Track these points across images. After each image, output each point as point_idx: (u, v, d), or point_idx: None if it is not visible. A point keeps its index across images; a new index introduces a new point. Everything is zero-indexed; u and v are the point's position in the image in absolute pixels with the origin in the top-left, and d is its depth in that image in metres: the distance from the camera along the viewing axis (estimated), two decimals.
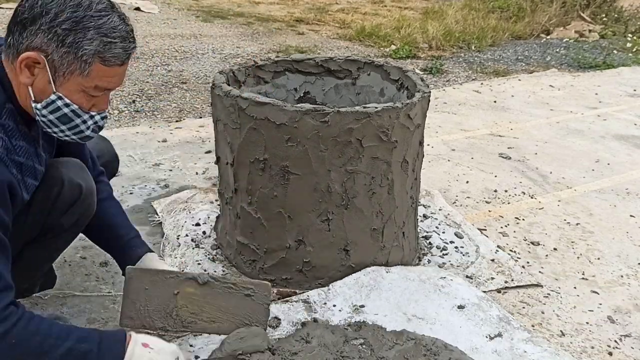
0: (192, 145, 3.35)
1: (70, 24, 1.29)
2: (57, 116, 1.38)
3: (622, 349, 1.90)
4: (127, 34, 1.38)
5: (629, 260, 2.44)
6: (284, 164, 1.90)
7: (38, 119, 1.39)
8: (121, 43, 1.35)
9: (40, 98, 1.35)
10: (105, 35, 1.32)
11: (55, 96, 1.35)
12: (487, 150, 3.59)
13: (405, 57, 6.08)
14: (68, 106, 1.37)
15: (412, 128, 1.99)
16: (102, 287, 2.01)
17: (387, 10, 9.07)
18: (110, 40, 1.33)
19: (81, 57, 1.31)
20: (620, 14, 8.39)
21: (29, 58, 1.30)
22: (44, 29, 1.29)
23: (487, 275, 2.21)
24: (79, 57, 1.31)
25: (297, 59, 2.45)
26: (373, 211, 2.01)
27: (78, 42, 1.30)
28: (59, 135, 1.44)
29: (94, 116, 1.43)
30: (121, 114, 3.90)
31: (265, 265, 2.06)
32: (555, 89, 5.15)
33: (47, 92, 1.34)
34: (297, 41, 6.55)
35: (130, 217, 1.91)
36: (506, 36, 7.34)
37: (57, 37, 1.29)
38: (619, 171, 3.37)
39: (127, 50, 1.38)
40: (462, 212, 2.74)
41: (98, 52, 1.32)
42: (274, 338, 1.76)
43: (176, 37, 6.33)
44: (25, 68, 1.32)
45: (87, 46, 1.31)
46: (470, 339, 1.81)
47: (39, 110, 1.36)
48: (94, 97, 1.40)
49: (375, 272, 2.04)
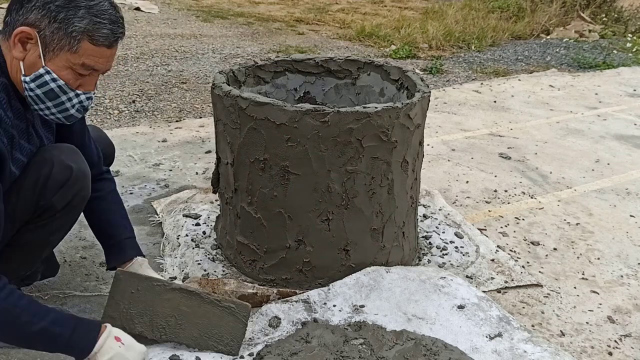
0: (192, 145, 3.35)
1: (63, 2, 1.38)
2: (44, 91, 1.43)
3: (622, 349, 1.90)
4: (117, 19, 1.45)
5: (629, 260, 2.44)
6: (284, 164, 1.90)
7: (26, 94, 1.45)
8: (110, 25, 1.43)
9: (30, 72, 1.42)
10: (96, 15, 1.41)
11: (43, 70, 1.41)
12: (487, 150, 3.59)
13: (405, 57, 6.08)
14: (55, 81, 1.43)
15: (412, 128, 1.99)
16: (102, 287, 2.01)
17: (387, 10, 9.08)
18: (100, 20, 1.41)
19: (71, 34, 1.39)
20: (620, 14, 8.39)
21: (23, 32, 1.38)
22: (39, 6, 1.37)
23: (487, 275, 2.21)
24: (68, 33, 1.39)
25: (297, 59, 2.45)
26: (373, 211, 2.01)
27: (69, 19, 1.38)
28: (45, 113, 1.49)
29: (80, 95, 1.49)
30: (121, 114, 3.90)
31: (265, 265, 2.06)
32: (555, 89, 5.15)
33: (36, 66, 1.41)
34: (297, 41, 6.55)
35: (130, 217, 1.92)
36: (506, 36, 7.34)
37: (50, 13, 1.37)
38: (619, 171, 3.37)
39: (115, 33, 1.45)
40: (462, 212, 2.74)
41: (87, 31, 1.40)
42: (273, 338, 1.76)
43: (176, 37, 6.33)
44: (18, 43, 1.39)
45: (78, 23, 1.39)
46: (470, 339, 1.81)
47: (27, 83, 1.42)
48: (81, 75, 1.46)
49: (375, 272, 2.04)
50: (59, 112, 1.49)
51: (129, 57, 5.35)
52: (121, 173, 2.91)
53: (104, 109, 3.97)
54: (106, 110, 3.95)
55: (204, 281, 1.91)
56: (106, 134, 2.09)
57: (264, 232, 2.02)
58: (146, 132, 3.52)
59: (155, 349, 1.67)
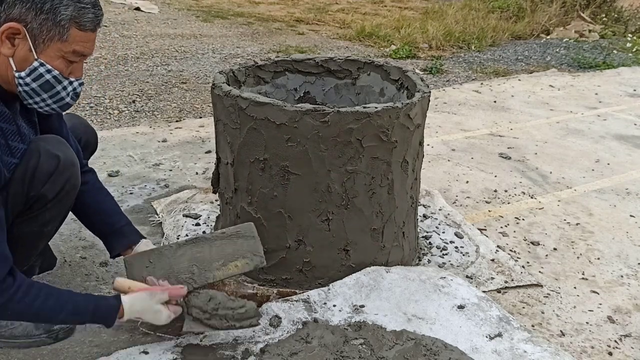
0: (192, 145, 3.35)
1: None
2: (39, 83, 1.45)
3: (622, 349, 1.90)
4: (96, 2, 1.48)
5: (629, 260, 2.44)
6: (284, 164, 1.90)
7: (20, 90, 1.45)
8: (92, 9, 1.45)
9: (23, 67, 1.42)
10: (79, 1, 1.43)
11: (37, 63, 1.42)
12: (487, 150, 3.59)
13: (405, 57, 6.08)
14: (50, 72, 1.44)
15: (412, 128, 1.99)
16: (102, 287, 2.01)
17: (387, 10, 9.08)
18: (83, 6, 1.43)
19: (59, 22, 1.40)
20: (620, 14, 8.40)
21: (10, 28, 1.38)
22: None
23: (487, 275, 2.21)
24: (57, 22, 1.40)
25: (297, 59, 2.45)
26: (373, 211, 2.01)
27: (55, 8, 1.39)
28: (40, 105, 1.50)
29: (73, 82, 1.51)
30: (121, 114, 3.90)
31: (265, 265, 2.06)
32: (555, 89, 5.15)
33: (29, 60, 1.42)
34: (297, 41, 6.56)
35: (130, 217, 1.92)
36: (506, 36, 7.34)
37: (34, 5, 1.38)
38: (619, 171, 3.37)
39: (98, 16, 1.48)
40: (462, 212, 2.74)
41: (74, 17, 1.41)
42: (274, 338, 1.76)
43: (176, 37, 6.33)
44: (6, 39, 1.39)
45: (64, 11, 1.40)
46: (470, 339, 1.81)
47: (22, 79, 1.43)
48: (71, 62, 1.48)
49: (375, 272, 2.04)
50: (54, 102, 1.51)
51: (129, 57, 5.35)
52: (121, 173, 2.91)
53: (104, 109, 3.97)
54: (106, 110, 3.95)
55: None
56: (86, 120, 2.07)
57: (264, 232, 2.02)
58: (146, 132, 3.53)
59: (157, 348, 1.68)
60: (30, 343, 1.70)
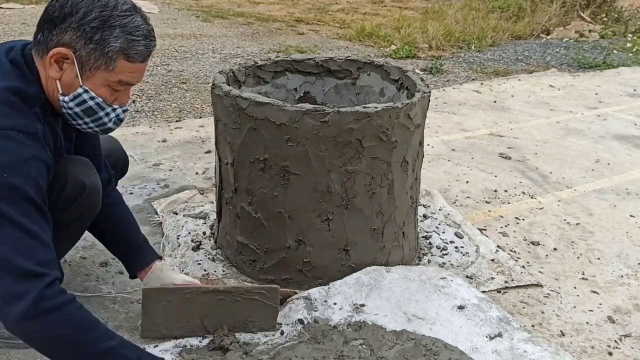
0: (192, 145, 3.35)
1: (98, 23, 1.39)
2: (82, 109, 1.47)
3: (622, 349, 1.90)
4: (149, 33, 1.47)
5: (629, 260, 2.44)
6: (284, 164, 1.90)
7: (64, 111, 1.48)
8: (143, 41, 1.45)
9: (68, 91, 1.44)
10: (130, 33, 1.42)
11: (82, 89, 1.44)
12: (487, 150, 3.59)
13: (405, 57, 6.08)
14: (93, 99, 1.46)
15: (412, 128, 1.99)
16: (102, 287, 2.01)
17: (387, 10, 9.08)
18: (134, 38, 1.42)
19: (107, 54, 1.41)
20: (620, 14, 8.39)
21: (59, 53, 1.39)
22: (74, 27, 1.38)
23: (487, 275, 2.21)
24: (105, 53, 1.40)
25: (297, 59, 2.45)
26: (373, 211, 2.01)
27: (105, 39, 1.40)
28: (83, 127, 1.53)
29: (116, 109, 1.52)
30: None
31: (265, 265, 2.06)
32: (555, 89, 5.15)
33: (74, 85, 1.44)
34: (297, 41, 6.55)
35: None
36: (506, 36, 7.34)
37: (85, 34, 1.39)
38: (619, 171, 3.37)
39: (149, 47, 1.47)
40: (462, 212, 2.74)
41: (123, 49, 1.41)
42: (274, 339, 1.76)
43: (176, 37, 6.33)
44: (54, 63, 1.41)
45: (113, 43, 1.40)
46: (470, 339, 1.81)
47: (66, 102, 1.45)
48: (116, 91, 1.49)
49: (375, 272, 2.04)
50: (97, 126, 1.53)
51: None
52: None
53: None
54: None
55: (204, 281, 1.91)
56: (120, 144, 2.13)
57: (264, 232, 2.02)
58: (146, 132, 3.52)
59: (166, 344, 1.68)
60: None
